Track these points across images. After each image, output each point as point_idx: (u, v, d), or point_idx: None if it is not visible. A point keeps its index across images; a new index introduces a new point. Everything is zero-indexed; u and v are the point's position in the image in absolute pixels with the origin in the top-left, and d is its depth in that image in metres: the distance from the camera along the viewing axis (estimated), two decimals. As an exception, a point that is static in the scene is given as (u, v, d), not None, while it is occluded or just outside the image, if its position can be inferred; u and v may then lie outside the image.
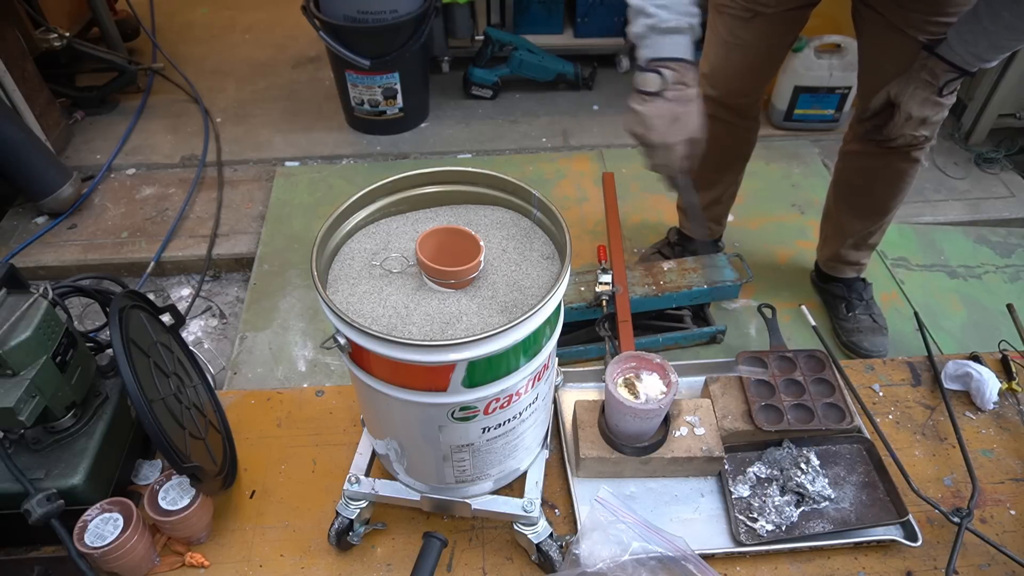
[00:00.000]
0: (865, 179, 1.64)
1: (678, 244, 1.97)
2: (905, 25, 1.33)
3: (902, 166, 1.56)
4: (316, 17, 2.28)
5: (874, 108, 1.40)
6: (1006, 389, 1.53)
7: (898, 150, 1.51)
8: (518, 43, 2.70)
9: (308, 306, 1.93)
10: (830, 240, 1.83)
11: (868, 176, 1.63)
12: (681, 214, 1.95)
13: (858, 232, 1.74)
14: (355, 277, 1.01)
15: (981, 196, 2.30)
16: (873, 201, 1.66)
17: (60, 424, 1.20)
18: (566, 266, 0.94)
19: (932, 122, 1.40)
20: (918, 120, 1.35)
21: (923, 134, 1.43)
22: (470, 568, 1.27)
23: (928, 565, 1.27)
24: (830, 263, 1.85)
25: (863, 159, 1.61)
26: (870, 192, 1.65)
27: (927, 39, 1.29)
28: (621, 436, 1.31)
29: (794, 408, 1.39)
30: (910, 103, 1.32)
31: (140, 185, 2.37)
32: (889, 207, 1.66)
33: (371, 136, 2.59)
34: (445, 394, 0.93)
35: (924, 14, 1.30)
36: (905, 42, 1.33)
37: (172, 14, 3.35)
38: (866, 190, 1.66)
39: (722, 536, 1.30)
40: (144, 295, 1.29)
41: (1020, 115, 2.43)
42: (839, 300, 1.85)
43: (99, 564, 1.15)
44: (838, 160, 1.70)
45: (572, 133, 2.64)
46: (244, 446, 1.44)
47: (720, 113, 1.62)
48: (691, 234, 1.92)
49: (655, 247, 2.03)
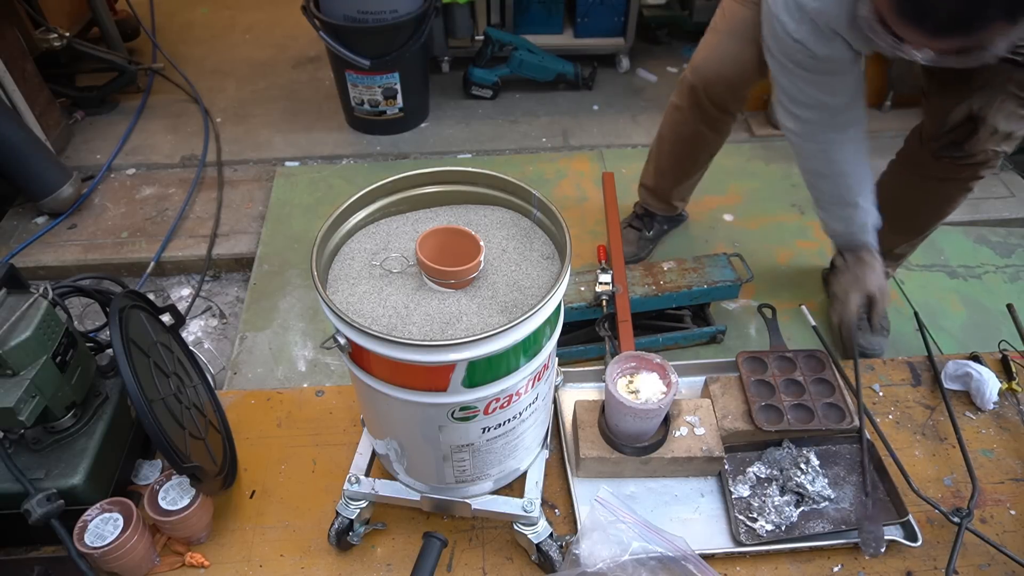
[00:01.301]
0: (914, 200, 1.61)
1: (645, 216, 2.03)
2: None
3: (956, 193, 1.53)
4: (316, 17, 2.28)
5: (953, 122, 1.35)
6: (1006, 389, 1.53)
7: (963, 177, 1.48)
8: (518, 43, 2.70)
9: (308, 306, 1.93)
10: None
11: (918, 198, 1.60)
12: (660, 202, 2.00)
13: (890, 245, 1.69)
14: (355, 277, 1.01)
15: (981, 196, 2.29)
16: (916, 221, 1.64)
17: (60, 424, 1.20)
18: (566, 266, 0.94)
19: (1015, 138, 1.36)
20: (1004, 135, 1.31)
21: (1004, 149, 1.39)
22: (470, 568, 1.27)
23: (928, 565, 1.27)
24: None
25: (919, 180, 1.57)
26: (916, 211, 1.62)
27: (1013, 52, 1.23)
28: (621, 436, 1.31)
29: (794, 408, 1.39)
30: (997, 116, 1.28)
31: (140, 185, 2.37)
32: (929, 227, 1.65)
33: (371, 136, 2.59)
34: (445, 394, 0.93)
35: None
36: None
37: (172, 14, 3.35)
38: (912, 210, 1.62)
39: (722, 536, 1.30)
40: (144, 295, 1.29)
41: (1020, 115, 2.43)
42: None
43: (99, 564, 1.15)
44: (885, 176, 1.66)
45: (572, 133, 2.64)
46: (244, 446, 1.44)
47: (700, 102, 1.64)
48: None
49: (625, 222, 2.08)
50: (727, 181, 2.33)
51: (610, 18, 2.80)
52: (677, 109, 1.73)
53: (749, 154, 2.47)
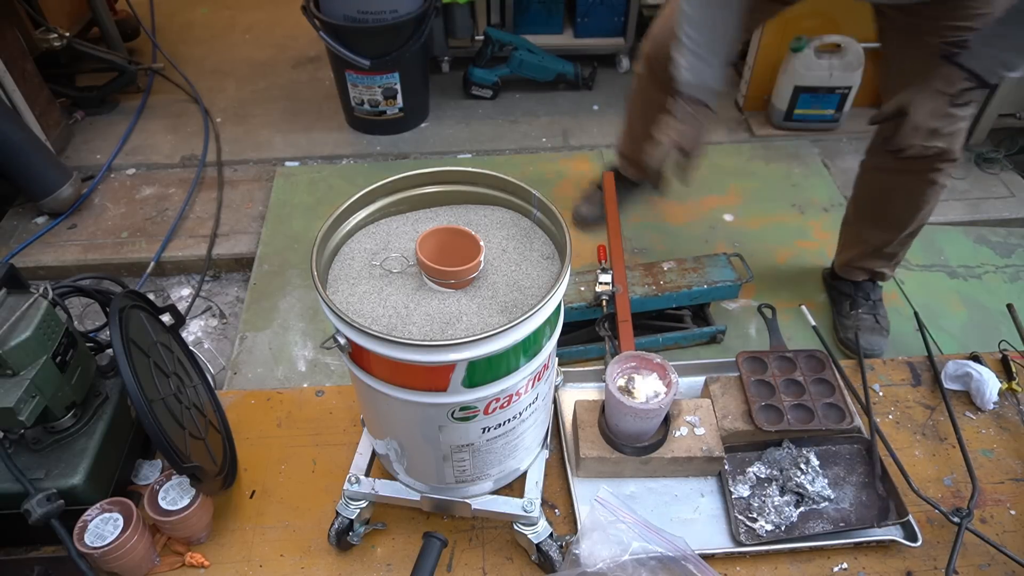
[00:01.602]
0: (883, 192, 1.63)
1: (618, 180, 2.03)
2: (920, 32, 1.32)
3: (919, 186, 1.54)
4: (316, 17, 2.28)
5: (884, 115, 1.37)
6: (1006, 389, 1.53)
7: (916, 170, 1.49)
8: (518, 43, 2.70)
9: (308, 306, 1.93)
10: (847, 247, 1.82)
11: (885, 190, 1.62)
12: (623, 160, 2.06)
13: (875, 241, 1.72)
14: (355, 277, 1.01)
15: (981, 196, 2.30)
16: (890, 214, 1.65)
17: (60, 424, 1.20)
18: (566, 266, 0.94)
19: (944, 134, 1.37)
20: (927, 131, 1.31)
21: (936, 145, 1.40)
22: (470, 568, 1.27)
23: (928, 565, 1.27)
24: (845, 268, 1.85)
25: (881, 173, 1.61)
26: (887, 205, 1.64)
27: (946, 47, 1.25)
28: (621, 436, 1.31)
29: (794, 408, 1.39)
30: (918, 112, 1.28)
31: (140, 185, 2.37)
32: (907, 223, 1.65)
33: (371, 136, 2.59)
34: (445, 394, 0.93)
35: (937, 19, 1.29)
36: (923, 48, 1.31)
37: (172, 14, 3.35)
38: (883, 203, 1.64)
39: (722, 536, 1.30)
40: (144, 295, 1.29)
41: (1020, 115, 2.43)
42: (845, 297, 1.85)
43: (99, 564, 1.15)
44: (860, 169, 1.69)
45: (572, 133, 2.64)
46: (244, 446, 1.44)
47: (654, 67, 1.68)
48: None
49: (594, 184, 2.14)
50: (727, 181, 2.33)
51: (610, 18, 2.80)
52: (638, 77, 1.82)
53: (749, 154, 2.47)
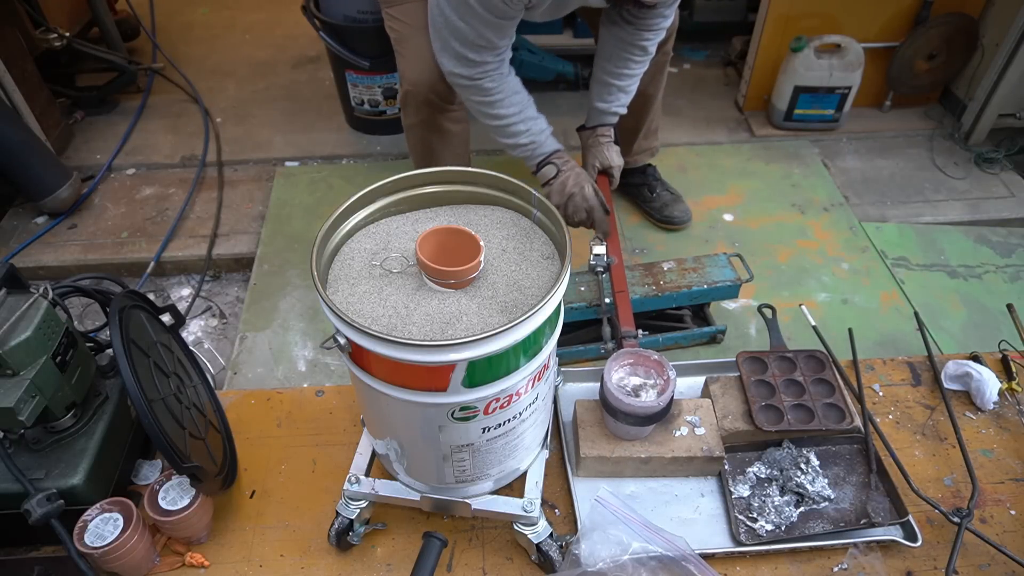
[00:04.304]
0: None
1: None
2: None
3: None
4: (316, 17, 2.28)
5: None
6: (1006, 389, 1.53)
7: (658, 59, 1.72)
8: (518, 43, 2.70)
9: (308, 306, 1.93)
10: (625, 144, 1.98)
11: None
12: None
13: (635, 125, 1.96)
14: (355, 277, 1.01)
15: (981, 196, 2.29)
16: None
17: (60, 424, 1.20)
18: (566, 266, 0.94)
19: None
20: None
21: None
22: (470, 568, 1.27)
23: (928, 565, 1.27)
24: (631, 159, 2.04)
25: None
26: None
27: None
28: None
29: (794, 408, 1.39)
30: None
31: (140, 185, 2.37)
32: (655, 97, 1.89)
33: (371, 136, 2.59)
34: (445, 394, 0.93)
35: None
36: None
37: (172, 14, 3.35)
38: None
39: (722, 536, 1.30)
40: (144, 295, 1.29)
41: (1020, 115, 2.42)
42: (641, 187, 2.11)
43: (99, 564, 1.15)
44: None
45: (572, 133, 2.63)
46: (244, 446, 1.44)
47: (429, 101, 1.66)
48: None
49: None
50: (727, 181, 2.33)
51: (610, 18, 2.80)
52: (412, 128, 1.78)
53: (749, 154, 2.47)
